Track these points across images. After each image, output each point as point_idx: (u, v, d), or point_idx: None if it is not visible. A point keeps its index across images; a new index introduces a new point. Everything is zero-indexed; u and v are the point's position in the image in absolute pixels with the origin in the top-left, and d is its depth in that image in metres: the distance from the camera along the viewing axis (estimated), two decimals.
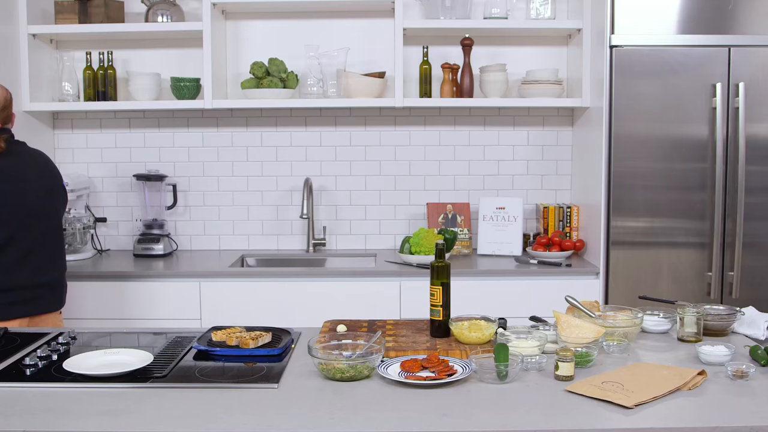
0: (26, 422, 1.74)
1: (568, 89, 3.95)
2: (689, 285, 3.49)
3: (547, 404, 1.83)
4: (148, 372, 2.03)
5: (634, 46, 3.42)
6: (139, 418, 1.76)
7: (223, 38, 3.90)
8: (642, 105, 3.43)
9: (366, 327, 2.46)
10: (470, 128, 4.04)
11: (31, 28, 3.66)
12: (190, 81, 3.78)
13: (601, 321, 2.32)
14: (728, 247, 3.46)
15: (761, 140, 3.44)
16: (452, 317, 2.35)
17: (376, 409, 1.81)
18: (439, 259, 2.36)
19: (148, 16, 3.77)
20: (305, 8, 3.88)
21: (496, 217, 3.89)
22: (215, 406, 1.83)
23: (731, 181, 3.43)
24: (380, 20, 3.91)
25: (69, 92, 3.82)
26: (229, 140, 4.01)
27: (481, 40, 3.88)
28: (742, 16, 3.42)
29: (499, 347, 1.99)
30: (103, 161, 4.03)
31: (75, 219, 3.75)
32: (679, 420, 1.75)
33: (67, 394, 1.91)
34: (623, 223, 3.48)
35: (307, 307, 3.44)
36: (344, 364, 1.98)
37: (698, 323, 2.33)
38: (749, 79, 3.40)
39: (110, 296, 3.46)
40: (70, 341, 2.34)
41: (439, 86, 3.89)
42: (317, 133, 4.02)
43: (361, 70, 3.89)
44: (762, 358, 2.09)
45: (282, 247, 4.08)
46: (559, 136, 4.03)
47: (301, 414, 1.78)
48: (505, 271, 3.57)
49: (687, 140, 3.45)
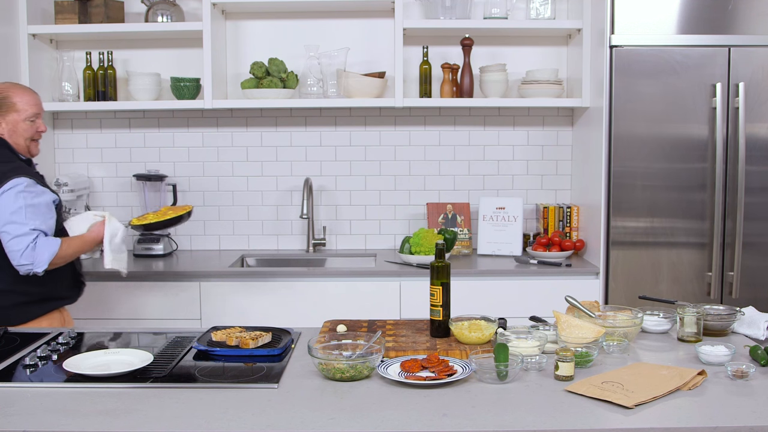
0: (26, 422, 1.74)
1: (568, 89, 3.95)
2: (689, 285, 3.49)
3: (547, 404, 1.83)
4: (148, 372, 2.03)
5: (634, 46, 3.42)
6: (139, 418, 1.77)
7: (223, 38, 3.90)
8: (642, 105, 3.43)
9: (366, 327, 2.46)
10: (470, 128, 4.04)
11: (31, 28, 3.66)
12: (190, 81, 3.78)
13: (601, 321, 2.32)
14: (728, 247, 3.46)
15: (761, 140, 3.44)
16: (452, 317, 2.35)
17: (376, 409, 1.81)
18: (439, 259, 2.36)
19: (148, 16, 3.77)
20: (305, 8, 3.88)
21: (496, 217, 3.89)
22: (215, 406, 1.83)
23: (731, 181, 3.43)
24: (380, 20, 3.91)
25: (69, 92, 3.82)
26: (229, 140, 4.01)
27: (481, 40, 3.88)
28: (742, 16, 3.42)
29: (499, 347, 1.99)
30: (103, 161, 4.03)
31: None
32: (679, 420, 1.75)
33: (67, 394, 1.91)
34: (623, 223, 3.48)
35: (307, 307, 3.44)
36: (344, 364, 1.98)
37: (698, 323, 2.33)
38: (749, 79, 3.40)
39: (110, 296, 3.46)
40: (70, 341, 2.34)
41: (439, 86, 3.89)
42: (317, 133, 4.02)
43: (361, 70, 3.89)
44: (762, 358, 2.09)
45: (282, 247, 4.08)
46: (559, 136, 4.03)
47: (301, 414, 1.78)
48: (505, 271, 3.57)
49: (687, 140, 3.45)
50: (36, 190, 2.70)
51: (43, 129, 2.85)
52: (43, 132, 2.86)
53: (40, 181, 2.76)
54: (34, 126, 2.81)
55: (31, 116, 2.78)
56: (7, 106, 2.76)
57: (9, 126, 2.76)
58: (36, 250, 2.63)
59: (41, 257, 2.64)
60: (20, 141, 2.79)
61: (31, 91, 2.85)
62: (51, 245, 2.66)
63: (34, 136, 2.82)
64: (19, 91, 2.80)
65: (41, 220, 2.68)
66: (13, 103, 2.76)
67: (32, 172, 2.82)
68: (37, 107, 2.81)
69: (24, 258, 2.63)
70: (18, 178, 2.68)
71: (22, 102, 2.77)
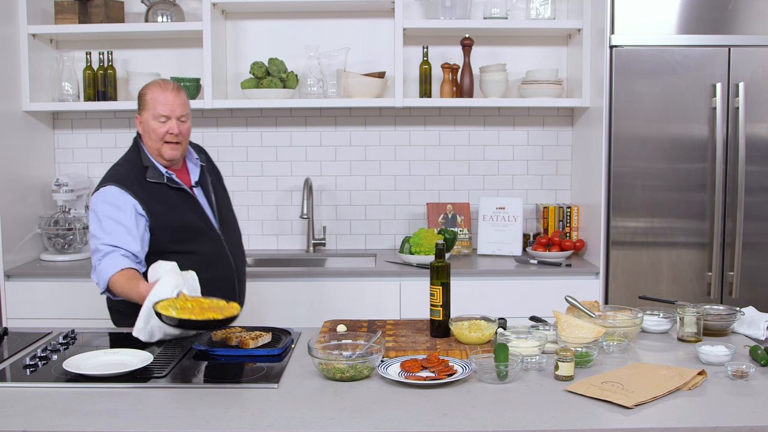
0: (26, 422, 1.74)
1: (568, 89, 3.95)
2: (689, 285, 3.49)
3: (547, 404, 1.83)
4: (148, 372, 2.03)
5: (634, 46, 3.42)
6: (139, 418, 1.77)
7: (223, 38, 3.90)
8: (642, 105, 3.43)
9: (366, 327, 2.46)
10: (470, 128, 4.03)
11: (31, 28, 3.65)
12: (190, 81, 3.78)
13: (601, 321, 2.32)
14: (728, 247, 3.46)
15: (761, 140, 3.44)
16: (452, 317, 2.35)
17: (376, 409, 1.81)
18: (439, 259, 2.36)
19: (148, 16, 3.77)
20: (305, 8, 3.88)
21: (496, 217, 3.89)
22: (215, 406, 1.83)
23: (731, 181, 3.43)
24: (380, 20, 3.91)
25: (69, 92, 3.82)
26: (229, 140, 4.01)
27: (481, 40, 3.88)
28: (742, 16, 3.42)
29: (499, 347, 1.99)
30: (103, 161, 4.02)
31: (75, 219, 3.75)
32: (679, 420, 1.75)
33: (67, 394, 1.91)
34: (623, 223, 3.48)
35: (307, 307, 3.43)
36: (344, 364, 1.98)
37: (698, 323, 2.33)
38: (749, 79, 3.40)
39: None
40: (70, 341, 2.34)
41: (439, 86, 3.89)
42: (317, 133, 4.02)
43: (361, 70, 3.89)
44: (762, 358, 2.09)
45: (282, 247, 4.08)
46: (559, 136, 4.03)
47: (301, 414, 1.78)
48: (505, 271, 3.56)
49: (687, 140, 3.44)
50: (119, 202, 2.48)
51: (174, 131, 2.56)
52: (174, 134, 2.56)
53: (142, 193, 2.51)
54: (165, 127, 2.56)
55: (159, 116, 2.55)
56: (142, 103, 2.60)
57: (142, 125, 2.61)
58: (98, 270, 2.46)
59: (101, 279, 2.44)
60: (150, 142, 2.59)
61: (170, 91, 2.58)
62: (109, 270, 2.41)
63: (165, 137, 2.56)
64: (156, 89, 2.59)
65: (117, 237, 2.44)
66: (146, 100, 2.58)
67: (132, 180, 2.54)
68: (168, 107, 2.55)
69: (93, 275, 2.49)
70: (108, 186, 2.52)
71: (153, 100, 2.56)
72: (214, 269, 2.63)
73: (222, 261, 2.68)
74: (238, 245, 2.81)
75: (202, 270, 2.47)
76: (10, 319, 3.44)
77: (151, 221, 2.54)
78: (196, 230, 2.62)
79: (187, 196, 2.64)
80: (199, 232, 2.62)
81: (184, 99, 2.63)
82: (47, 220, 3.72)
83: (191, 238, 2.60)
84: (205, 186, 2.74)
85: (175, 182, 2.62)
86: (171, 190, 2.61)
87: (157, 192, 2.57)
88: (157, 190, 2.58)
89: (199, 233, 2.62)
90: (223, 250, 2.68)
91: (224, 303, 2.24)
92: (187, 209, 2.62)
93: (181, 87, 2.65)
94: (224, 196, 2.85)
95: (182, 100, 2.61)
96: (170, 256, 2.43)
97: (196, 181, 2.72)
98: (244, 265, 2.86)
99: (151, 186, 2.58)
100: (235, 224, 2.86)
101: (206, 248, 2.63)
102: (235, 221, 2.86)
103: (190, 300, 2.19)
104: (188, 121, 2.64)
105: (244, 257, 2.87)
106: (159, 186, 2.59)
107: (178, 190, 2.62)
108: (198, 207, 2.65)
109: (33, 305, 3.45)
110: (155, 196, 2.56)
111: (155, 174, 2.60)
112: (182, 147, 2.64)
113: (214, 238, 2.66)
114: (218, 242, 2.67)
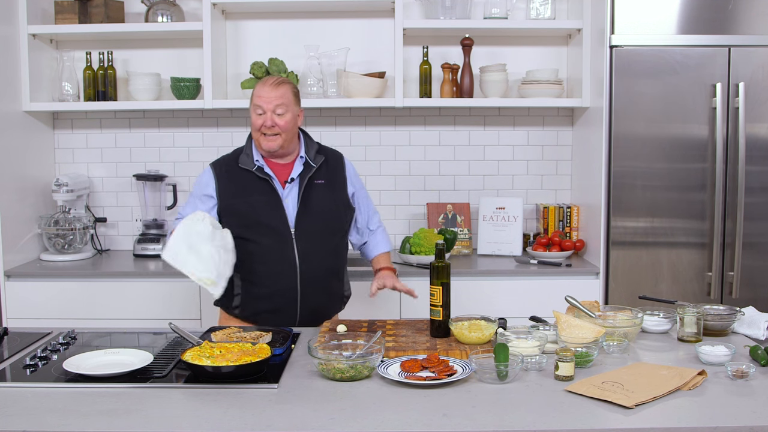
0: (26, 422, 1.74)
1: (568, 89, 3.95)
2: (689, 285, 3.49)
3: (547, 404, 1.83)
4: (148, 372, 2.03)
5: (634, 46, 3.42)
6: (139, 418, 1.77)
7: (223, 38, 3.90)
8: (642, 105, 3.43)
9: (366, 327, 2.46)
10: (470, 128, 4.03)
11: (31, 28, 3.65)
12: (190, 81, 3.78)
13: (601, 321, 2.32)
14: (728, 247, 3.46)
15: (761, 140, 3.44)
16: (452, 317, 2.35)
17: (376, 409, 1.81)
18: (439, 259, 2.36)
19: (148, 16, 3.77)
20: (305, 8, 3.88)
21: (496, 217, 3.89)
22: (215, 406, 1.83)
23: (731, 181, 3.43)
24: (380, 20, 3.91)
25: (69, 92, 3.82)
26: (229, 140, 4.01)
27: (481, 40, 3.88)
28: (742, 16, 3.42)
29: (499, 347, 1.99)
30: (103, 161, 4.03)
31: (75, 219, 3.75)
32: (679, 420, 1.75)
33: (67, 394, 1.91)
34: (623, 223, 3.48)
35: None
36: (344, 364, 1.98)
37: (698, 323, 2.33)
38: (749, 79, 3.40)
39: (110, 296, 3.46)
40: (70, 341, 2.35)
41: (439, 86, 3.89)
42: (317, 133, 4.01)
43: (361, 70, 3.89)
44: (762, 358, 2.09)
45: None
46: (559, 136, 4.03)
47: (301, 414, 1.78)
48: (505, 271, 3.56)
49: (687, 140, 3.44)
50: (201, 180, 2.71)
51: (268, 123, 2.61)
52: (268, 126, 2.61)
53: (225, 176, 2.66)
54: (261, 119, 2.61)
55: (257, 107, 2.62)
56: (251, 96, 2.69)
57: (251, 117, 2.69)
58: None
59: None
60: (253, 132, 2.69)
61: (269, 84, 2.63)
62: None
63: (262, 129, 2.62)
64: (259, 82, 2.67)
65: (188, 210, 2.65)
66: (252, 93, 2.66)
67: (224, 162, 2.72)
68: (263, 100, 2.60)
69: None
70: (207, 167, 2.74)
71: (254, 93, 2.65)
72: (272, 265, 2.65)
73: (284, 259, 2.65)
74: (319, 252, 2.69)
75: (259, 262, 2.63)
76: (10, 319, 3.44)
77: (219, 203, 2.68)
78: (261, 221, 2.64)
79: (269, 189, 2.66)
80: (264, 224, 2.64)
81: (283, 92, 2.64)
82: (47, 220, 3.72)
83: (254, 228, 2.64)
84: (301, 184, 2.70)
85: (264, 173, 2.67)
86: (257, 179, 2.67)
87: (240, 177, 2.68)
88: (242, 176, 2.68)
89: (264, 225, 2.64)
90: (288, 249, 2.65)
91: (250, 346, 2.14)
92: (262, 200, 2.65)
93: (285, 80, 2.69)
94: (328, 202, 2.73)
95: (280, 93, 2.63)
96: (236, 240, 2.57)
97: (292, 177, 2.70)
98: (326, 273, 2.73)
99: (238, 171, 2.68)
100: (329, 232, 2.73)
101: (269, 242, 2.64)
102: (330, 229, 2.74)
103: (217, 346, 2.13)
104: (287, 114, 2.64)
105: (327, 266, 2.73)
106: (246, 173, 2.68)
107: (263, 180, 2.66)
108: (277, 201, 2.66)
109: (33, 305, 3.45)
110: (236, 180, 2.67)
111: (247, 161, 2.69)
112: (282, 139, 2.64)
113: (282, 234, 2.64)
114: (286, 240, 2.65)
